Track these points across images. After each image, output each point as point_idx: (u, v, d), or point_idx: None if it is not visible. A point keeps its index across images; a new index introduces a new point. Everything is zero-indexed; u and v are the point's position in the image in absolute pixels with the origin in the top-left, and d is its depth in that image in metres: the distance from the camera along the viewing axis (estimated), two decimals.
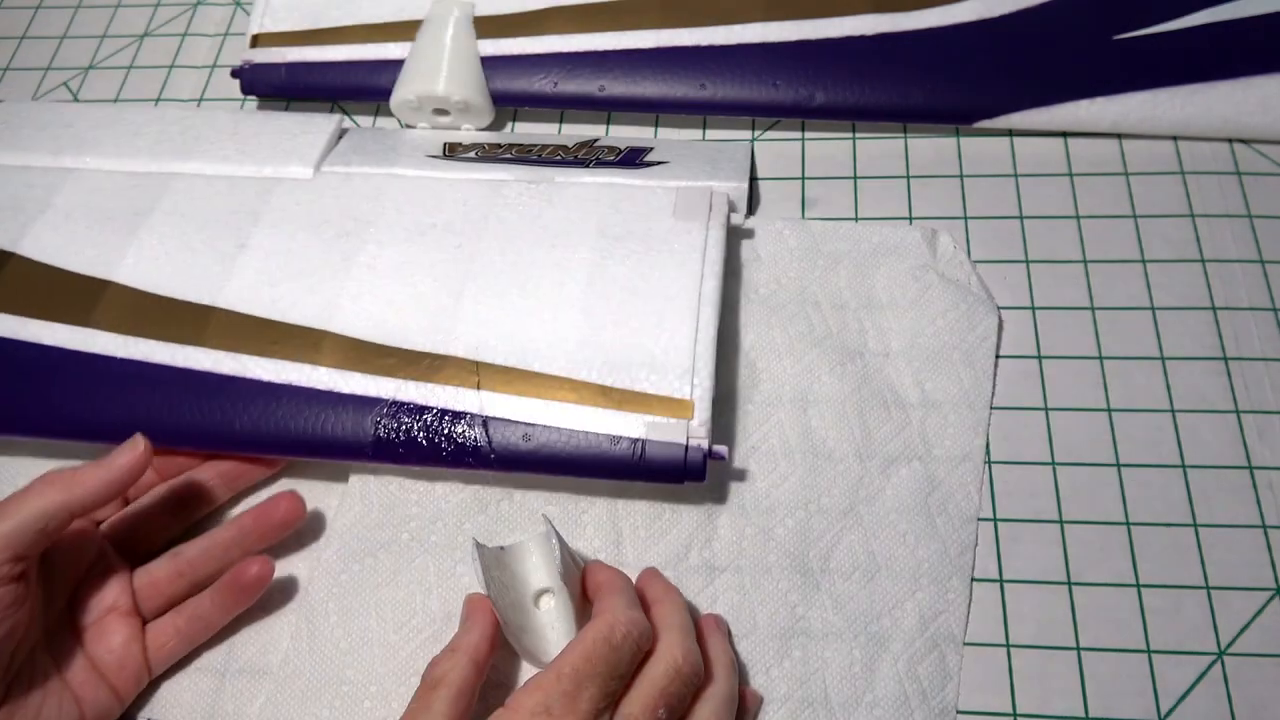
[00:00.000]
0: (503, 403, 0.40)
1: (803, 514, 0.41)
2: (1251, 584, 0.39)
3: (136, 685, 0.38)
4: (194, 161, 0.49)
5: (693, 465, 0.38)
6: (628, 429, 0.39)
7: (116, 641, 0.37)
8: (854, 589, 0.40)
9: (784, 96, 0.50)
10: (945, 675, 0.38)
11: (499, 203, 0.46)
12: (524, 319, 0.42)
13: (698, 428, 0.38)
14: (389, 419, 0.40)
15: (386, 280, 0.43)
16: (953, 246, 0.46)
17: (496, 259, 0.44)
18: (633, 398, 0.39)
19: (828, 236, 0.47)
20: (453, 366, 0.41)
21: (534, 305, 0.42)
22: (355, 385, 0.41)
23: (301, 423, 0.40)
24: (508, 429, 0.39)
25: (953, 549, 0.40)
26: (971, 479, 0.41)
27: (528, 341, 0.41)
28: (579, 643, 0.32)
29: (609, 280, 0.42)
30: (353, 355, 0.41)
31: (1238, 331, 0.44)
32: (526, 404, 0.39)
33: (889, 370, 0.44)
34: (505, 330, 0.41)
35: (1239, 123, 0.48)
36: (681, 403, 0.39)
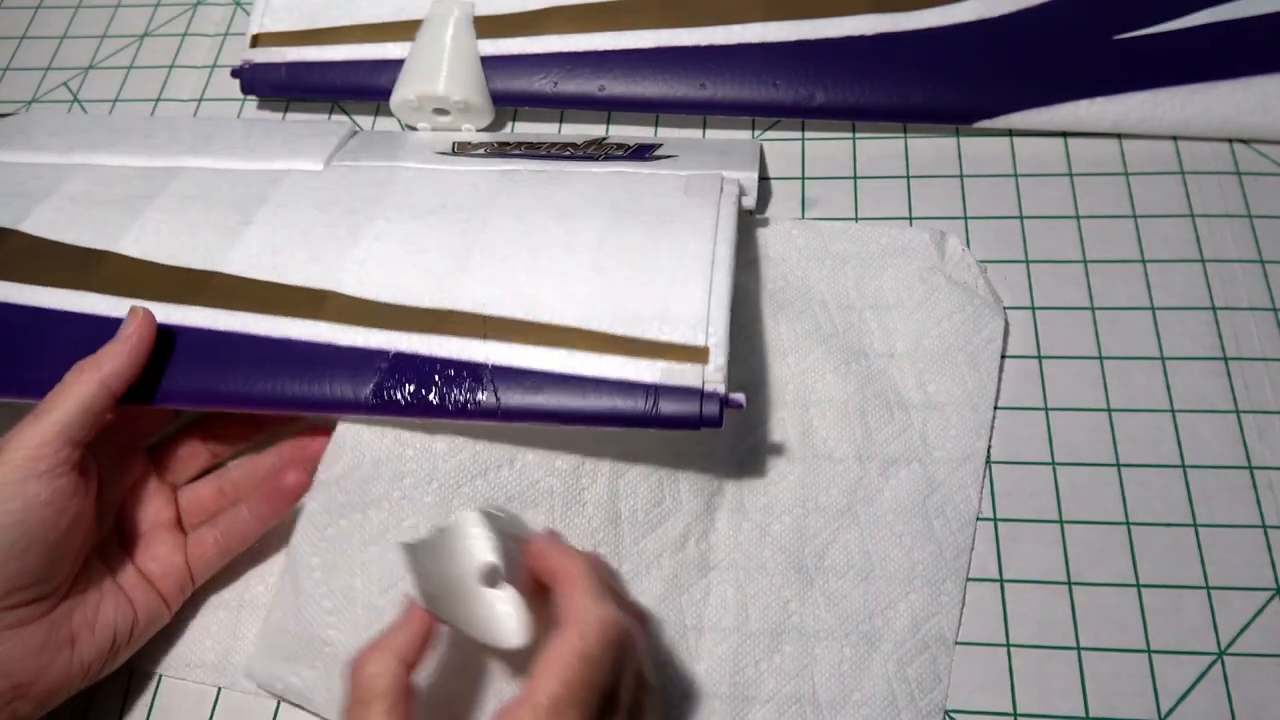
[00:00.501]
0: (510, 352, 0.38)
1: (800, 512, 0.41)
2: (1251, 584, 0.39)
3: (181, 594, 0.39)
4: (204, 158, 0.49)
5: (709, 411, 0.36)
6: (640, 376, 0.37)
7: (162, 552, 0.39)
8: (847, 588, 0.40)
9: (784, 96, 0.50)
10: (935, 677, 0.38)
11: (509, 186, 0.45)
12: (533, 276, 0.40)
13: (714, 372, 0.37)
14: (390, 372, 0.38)
15: (393, 247, 0.42)
16: (961, 249, 0.46)
17: (506, 228, 0.42)
18: (646, 345, 0.38)
19: (836, 237, 0.47)
20: (458, 319, 0.39)
21: (544, 264, 0.41)
22: (356, 338, 0.39)
23: (300, 377, 0.39)
24: (515, 379, 0.38)
25: (949, 552, 0.40)
26: (971, 482, 0.41)
27: (536, 295, 0.39)
28: (551, 664, 0.30)
29: (621, 241, 0.41)
30: (355, 311, 0.40)
31: (1238, 331, 0.44)
32: (534, 353, 0.38)
33: (893, 371, 0.44)
34: (514, 286, 0.40)
35: (1239, 123, 0.48)
36: (696, 349, 0.37)
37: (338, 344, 0.39)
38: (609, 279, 0.40)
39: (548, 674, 0.30)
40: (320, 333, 0.39)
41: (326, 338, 0.39)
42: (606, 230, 0.42)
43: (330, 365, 0.39)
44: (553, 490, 0.40)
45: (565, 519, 0.41)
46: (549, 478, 0.40)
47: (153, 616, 0.38)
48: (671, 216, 0.42)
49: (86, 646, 0.36)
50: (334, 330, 0.39)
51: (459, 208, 0.44)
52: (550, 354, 0.38)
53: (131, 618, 0.38)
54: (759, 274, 0.47)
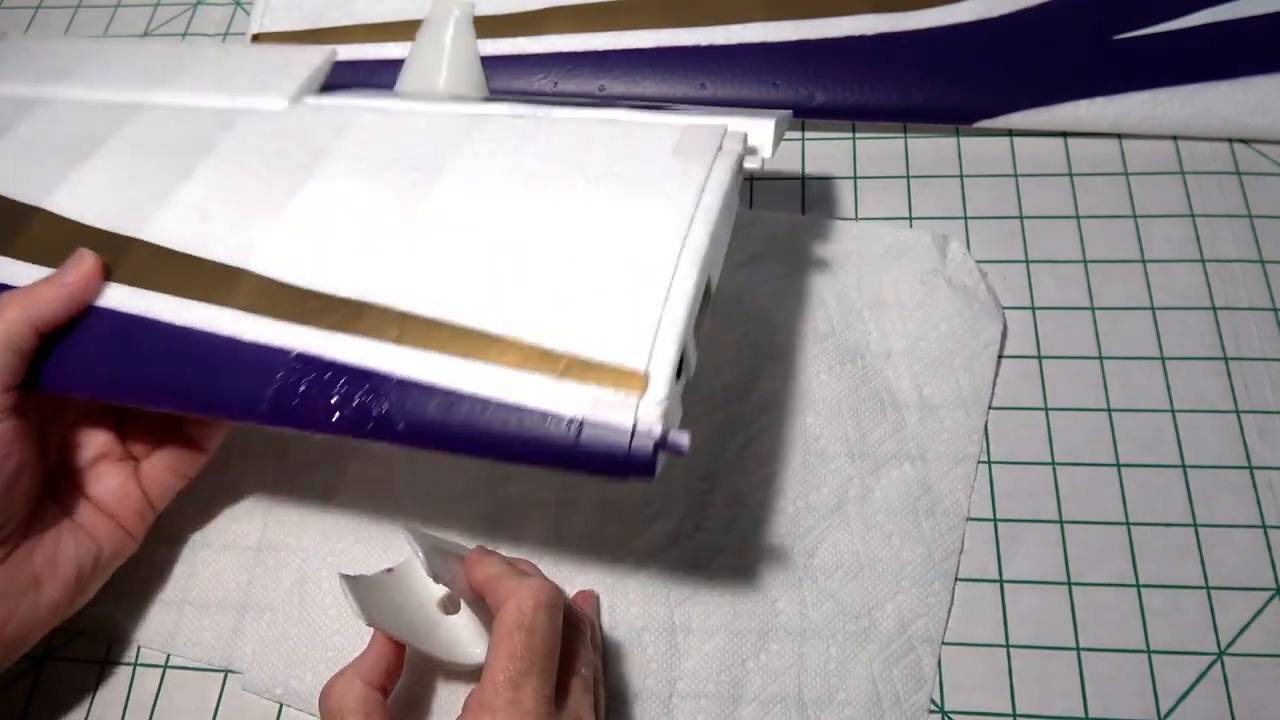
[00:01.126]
0: (422, 363, 0.32)
1: (791, 510, 0.41)
2: (1251, 584, 0.39)
3: (143, 520, 0.39)
4: (169, 91, 0.44)
5: (638, 455, 0.29)
6: (566, 405, 0.30)
7: (114, 483, 0.38)
8: (835, 587, 0.40)
9: (784, 96, 0.50)
10: (920, 679, 0.38)
11: (475, 137, 0.39)
12: (466, 264, 0.34)
13: (650, 407, 0.29)
14: (290, 376, 0.33)
15: (322, 215, 0.37)
16: (962, 252, 0.46)
17: (453, 195, 0.36)
18: (580, 366, 0.31)
19: (838, 236, 0.47)
20: (374, 316, 0.33)
21: (482, 249, 0.35)
22: (262, 332, 0.34)
23: (196, 375, 0.34)
24: (422, 396, 0.31)
25: (938, 553, 0.40)
26: (963, 485, 0.41)
27: (465, 290, 0.33)
28: (498, 644, 0.31)
29: (579, 221, 0.35)
30: (268, 297, 0.35)
31: (1238, 331, 0.44)
32: (449, 365, 0.32)
33: (889, 372, 0.44)
34: (442, 276, 0.34)
35: (1239, 123, 0.48)
36: (632, 374, 0.30)
37: (241, 338, 0.34)
38: (554, 273, 0.33)
39: (497, 654, 0.31)
40: (224, 323, 0.34)
41: (229, 329, 0.34)
42: (567, 204, 0.35)
43: (230, 364, 0.34)
44: (544, 501, 0.41)
45: (558, 523, 0.41)
46: (539, 492, 0.41)
47: (117, 547, 0.38)
48: (646, 187, 0.35)
49: (51, 586, 0.36)
50: (239, 320, 0.34)
51: (411, 164, 0.38)
52: (466, 368, 0.31)
53: (95, 550, 0.37)
54: (758, 271, 0.47)
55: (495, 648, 0.31)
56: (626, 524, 0.41)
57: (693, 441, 0.42)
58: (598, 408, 0.30)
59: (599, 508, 0.41)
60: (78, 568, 0.37)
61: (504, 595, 0.32)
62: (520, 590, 0.32)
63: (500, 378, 0.31)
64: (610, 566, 0.41)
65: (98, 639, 0.41)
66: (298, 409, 0.33)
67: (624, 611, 0.40)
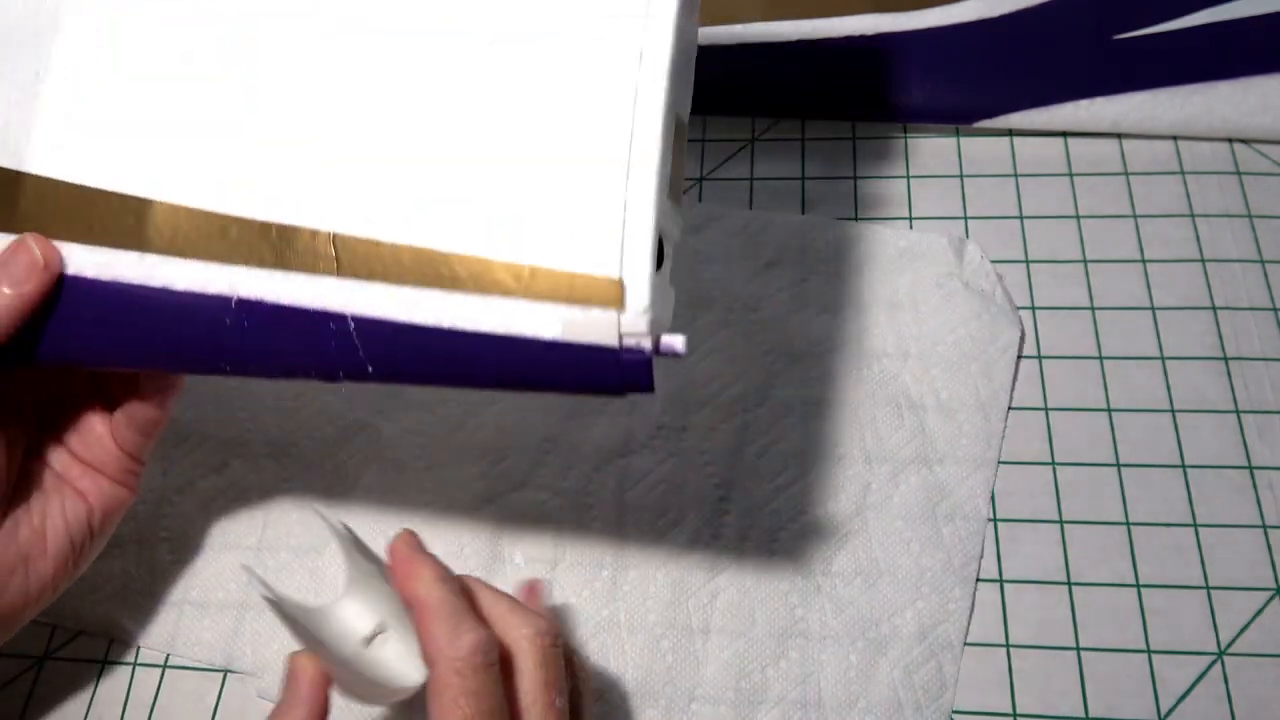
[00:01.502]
0: (372, 296, 0.28)
1: (808, 517, 0.41)
2: (1251, 584, 0.39)
3: (136, 465, 0.36)
4: None
5: (630, 371, 0.27)
6: (538, 326, 0.27)
7: (100, 431, 0.35)
8: (855, 593, 0.40)
9: (784, 96, 0.50)
10: (942, 684, 0.38)
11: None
12: (388, 162, 0.28)
13: (635, 318, 0.26)
14: (236, 323, 0.29)
15: (204, 111, 0.30)
16: (979, 256, 0.46)
17: (356, 55, 0.29)
18: (545, 277, 0.27)
19: (852, 240, 0.47)
20: (303, 242, 0.28)
21: (403, 139, 0.29)
22: (193, 279, 0.29)
23: (141, 332, 0.30)
24: (384, 334, 0.28)
25: (957, 559, 0.40)
26: (981, 490, 0.41)
27: (396, 197, 0.28)
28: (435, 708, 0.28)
29: (505, 88, 0.28)
30: (185, 233, 0.29)
31: (1238, 331, 0.44)
32: (405, 296, 0.28)
33: (906, 376, 0.44)
34: (364, 181, 0.29)
35: (1239, 123, 0.48)
36: (606, 282, 0.26)
37: (173, 288, 0.29)
38: (489, 160, 0.28)
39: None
40: (148, 273, 0.30)
41: (160, 279, 0.29)
42: (494, 57, 0.28)
43: (172, 317, 0.30)
44: (560, 507, 0.41)
45: (573, 529, 0.41)
46: (555, 498, 0.41)
47: (110, 502, 0.36)
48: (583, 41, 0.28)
49: (42, 561, 0.34)
50: (162, 267, 0.29)
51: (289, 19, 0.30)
52: (422, 299, 0.27)
53: (85, 511, 0.35)
54: (772, 276, 0.46)
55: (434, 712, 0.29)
56: (643, 530, 0.41)
57: (709, 447, 0.41)
58: (574, 328, 0.26)
59: (615, 513, 0.41)
60: (69, 536, 0.35)
61: (433, 653, 0.29)
62: (447, 642, 0.29)
63: (462, 305, 0.27)
64: (626, 573, 0.41)
65: (97, 639, 0.41)
66: (258, 359, 0.30)
67: (642, 617, 0.40)
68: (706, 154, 0.51)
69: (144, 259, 0.30)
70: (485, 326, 0.27)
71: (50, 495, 0.35)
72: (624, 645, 0.39)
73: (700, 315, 0.46)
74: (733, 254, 0.47)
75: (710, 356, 0.45)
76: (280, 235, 0.29)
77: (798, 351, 0.44)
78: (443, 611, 0.30)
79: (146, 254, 0.30)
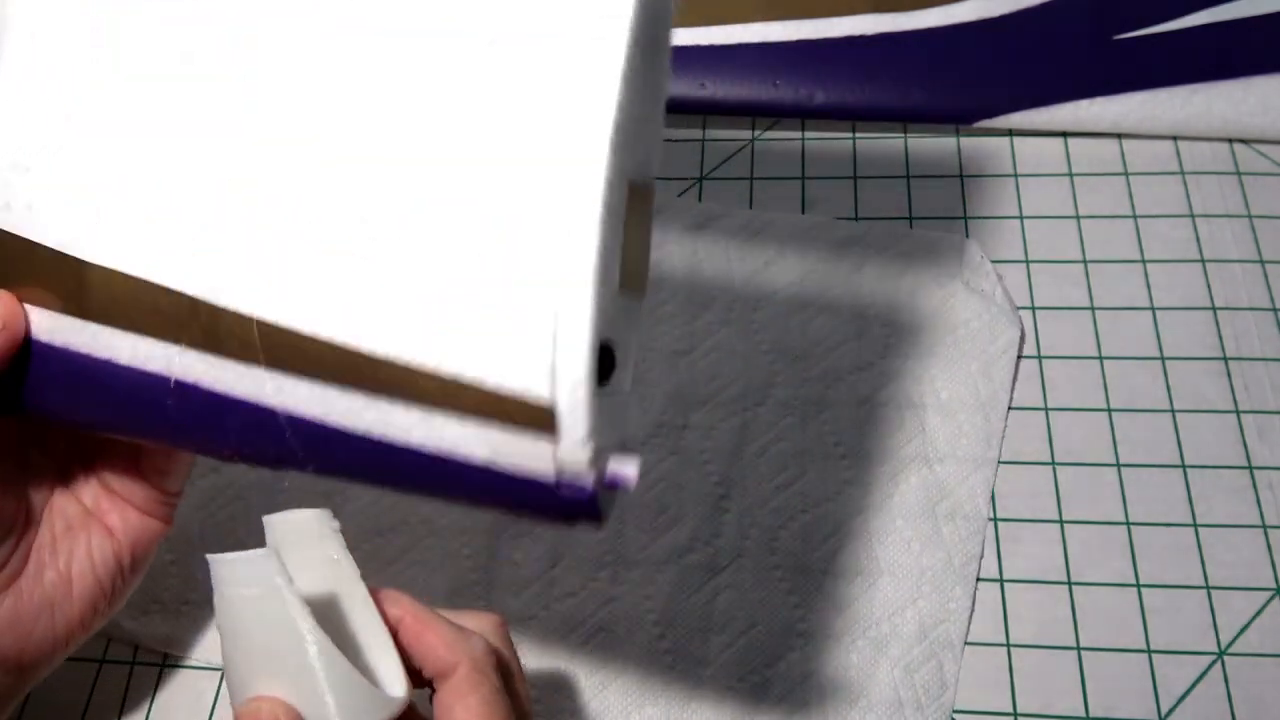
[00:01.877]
0: (301, 392, 0.25)
1: (808, 516, 0.41)
2: (1251, 584, 0.39)
3: (169, 495, 0.34)
4: None
5: (571, 506, 0.23)
6: (466, 446, 0.23)
7: (129, 463, 0.33)
8: (855, 593, 0.40)
9: (784, 96, 0.50)
10: (942, 683, 0.38)
11: None
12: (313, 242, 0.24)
13: (572, 449, 0.22)
14: (177, 406, 0.26)
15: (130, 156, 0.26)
16: (980, 256, 0.46)
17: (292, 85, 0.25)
18: (470, 392, 0.22)
19: (853, 240, 0.47)
20: (229, 325, 0.25)
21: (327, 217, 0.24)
22: (135, 352, 0.27)
23: (105, 404, 0.28)
24: (319, 434, 0.25)
25: (957, 558, 0.40)
26: (982, 489, 0.41)
27: (320, 282, 0.24)
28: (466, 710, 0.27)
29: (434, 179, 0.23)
30: (121, 300, 0.26)
31: (1238, 331, 0.44)
32: (331, 397, 0.24)
33: (906, 376, 0.44)
34: (287, 261, 0.24)
35: (1239, 123, 0.48)
36: (535, 407, 0.21)
37: (116, 360, 0.27)
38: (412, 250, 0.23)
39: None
40: (90, 341, 0.27)
41: (103, 351, 0.27)
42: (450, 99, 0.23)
43: (119, 388, 0.27)
44: None
45: (571, 532, 0.41)
46: None
47: (141, 536, 0.33)
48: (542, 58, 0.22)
49: (68, 605, 0.32)
50: (103, 336, 0.27)
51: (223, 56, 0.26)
52: (348, 401, 0.24)
53: (114, 549, 0.33)
54: (773, 275, 0.46)
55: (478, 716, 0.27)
56: (643, 530, 0.41)
57: (709, 446, 0.40)
58: (504, 454, 0.23)
59: (615, 512, 0.41)
60: (96, 577, 0.32)
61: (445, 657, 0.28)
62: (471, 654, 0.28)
63: (388, 413, 0.24)
64: (627, 572, 0.41)
65: (95, 638, 0.41)
66: (205, 445, 0.28)
67: (641, 618, 0.40)
68: (706, 154, 0.51)
69: (87, 326, 0.27)
70: (414, 439, 0.23)
71: (77, 535, 0.33)
72: (623, 644, 0.39)
73: (700, 315, 0.46)
74: (733, 254, 0.47)
75: (710, 355, 0.45)
76: (209, 316, 0.25)
77: (798, 351, 0.44)
78: (440, 622, 0.29)
79: (89, 322, 0.27)
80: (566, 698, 0.39)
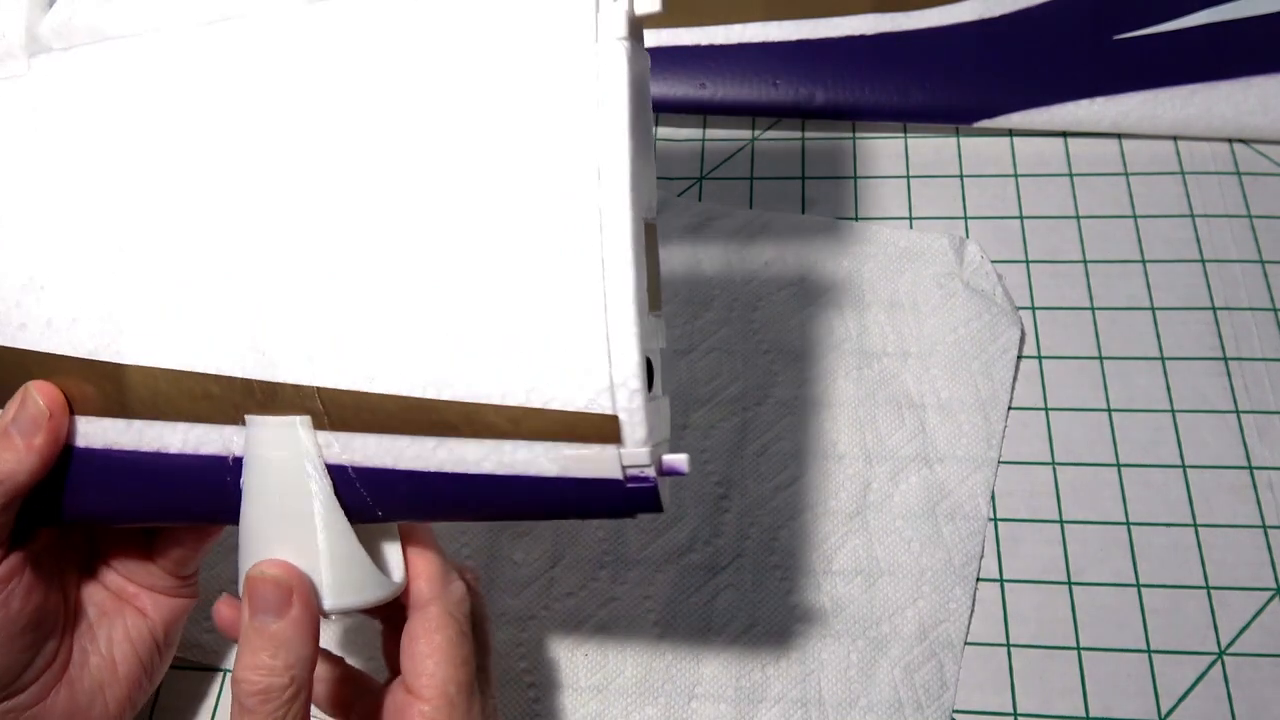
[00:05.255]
0: (365, 447, 0.27)
1: (808, 516, 0.41)
2: (1251, 584, 0.39)
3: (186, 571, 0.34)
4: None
5: (637, 499, 0.26)
6: (537, 465, 0.26)
7: (144, 558, 0.34)
8: (855, 593, 0.40)
9: (784, 96, 0.50)
10: (943, 683, 0.38)
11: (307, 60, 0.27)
12: (367, 309, 0.26)
13: (634, 451, 0.25)
14: (236, 482, 0.28)
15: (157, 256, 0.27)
16: (980, 256, 0.46)
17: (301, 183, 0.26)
18: (536, 417, 0.25)
19: (852, 239, 0.47)
20: (288, 397, 0.27)
21: (366, 269, 0.26)
22: (184, 439, 0.28)
23: (151, 496, 0.29)
24: (387, 481, 0.27)
25: (958, 558, 0.40)
26: (982, 489, 0.41)
27: (368, 345, 0.26)
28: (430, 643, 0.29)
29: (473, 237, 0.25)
30: (166, 394, 0.28)
31: (1238, 331, 0.44)
32: (398, 445, 0.26)
33: (906, 376, 0.44)
34: (330, 327, 0.26)
35: (1239, 123, 0.48)
36: (600, 419, 0.25)
37: (166, 451, 0.28)
38: (466, 302, 0.25)
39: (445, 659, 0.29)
40: (141, 437, 0.28)
41: (151, 444, 0.28)
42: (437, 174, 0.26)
43: (174, 480, 0.28)
44: None
45: (572, 528, 0.41)
46: None
47: (171, 613, 0.34)
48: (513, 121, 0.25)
49: (116, 686, 0.33)
50: (151, 431, 0.28)
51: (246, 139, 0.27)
52: (417, 446, 0.26)
53: (148, 627, 0.34)
54: (773, 274, 0.47)
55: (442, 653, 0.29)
56: (643, 529, 0.41)
57: (709, 445, 0.41)
58: (573, 466, 0.25)
59: None
60: (136, 656, 0.33)
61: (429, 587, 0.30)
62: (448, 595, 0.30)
63: (458, 450, 0.26)
64: (627, 572, 0.41)
65: None
66: None
67: (642, 616, 0.40)
68: (706, 154, 0.51)
69: (131, 425, 0.28)
70: (486, 468, 0.26)
71: (113, 619, 0.34)
72: (623, 643, 0.39)
73: (700, 314, 0.46)
74: (732, 254, 0.47)
75: (710, 355, 0.45)
76: (264, 392, 0.27)
77: (798, 351, 0.44)
78: (434, 557, 0.30)
79: (133, 420, 0.28)
80: (566, 698, 0.39)
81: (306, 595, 0.27)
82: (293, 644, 0.27)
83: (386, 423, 0.26)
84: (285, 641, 0.26)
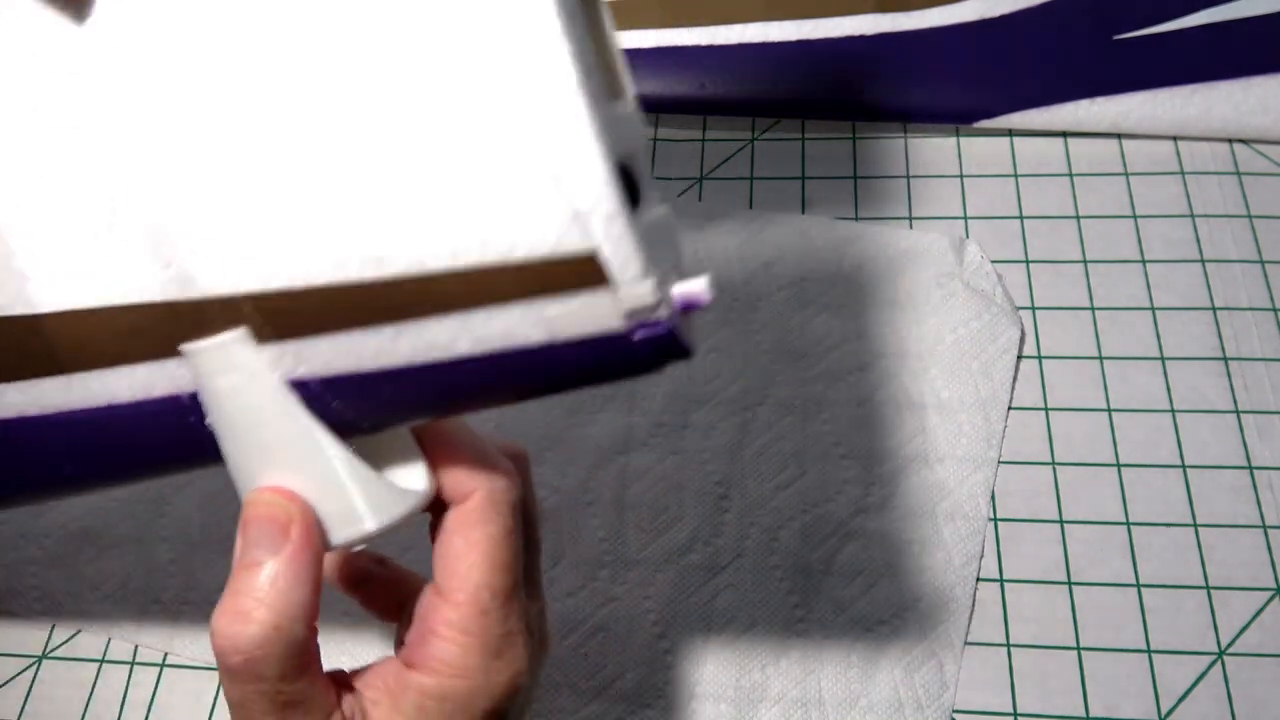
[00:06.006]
0: (323, 350, 0.22)
1: (809, 517, 0.41)
2: (1251, 584, 0.39)
3: None
4: None
5: (655, 347, 0.20)
6: (520, 333, 0.20)
7: None
8: (855, 593, 0.40)
9: (784, 96, 0.50)
10: (942, 683, 0.38)
11: None
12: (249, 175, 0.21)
13: (633, 290, 0.19)
14: (201, 421, 0.24)
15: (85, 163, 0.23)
16: (980, 256, 0.46)
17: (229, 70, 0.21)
18: (499, 275, 0.20)
19: (851, 239, 0.47)
20: (217, 313, 0.22)
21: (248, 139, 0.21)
22: (133, 386, 0.24)
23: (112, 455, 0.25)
24: (359, 387, 0.22)
25: (958, 559, 0.40)
26: (982, 489, 0.41)
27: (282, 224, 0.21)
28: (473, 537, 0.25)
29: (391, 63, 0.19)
30: (94, 339, 0.23)
31: (1238, 331, 0.44)
32: (356, 343, 0.21)
33: (905, 376, 0.44)
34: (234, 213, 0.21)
35: (1239, 123, 0.48)
36: (576, 260, 0.19)
37: (117, 401, 0.24)
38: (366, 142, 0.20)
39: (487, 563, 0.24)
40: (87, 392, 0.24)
41: (99, 398, 0.24)
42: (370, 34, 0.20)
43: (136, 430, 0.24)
44: (559, 505, 0.41)
45: (572, 527, 0.41)
46: (555, 496, 0.41)
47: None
48: None
49: None
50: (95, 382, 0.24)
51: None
52: (379, 340, 0.21)
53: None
54: (773, 274, 0.46)
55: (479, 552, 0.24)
56: (643, 529, 0.41)
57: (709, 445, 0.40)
58: (563, 325, 0.20)
59: (615, 512, 0.41)
60: None
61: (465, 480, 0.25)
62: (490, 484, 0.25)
63: (426, 334, 0.21)
64: (627, 572, 0.41)
65: (96, 637, 0.41)
66: None
67: (642, 616, 0.40)
68: (706, 154, 0.51)
69: (71, 380, 0.24)
70: (460, 350, 0.21)
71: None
72: (624, 643, 0.39)
73: (700, 314, 0.46)
74: (732, 254, 0.47)
75: (710, 355, 0.45)
76: (191, 313, 0.22)
77: (798, 351, 0.44)
78: (468, 441, 0.25)
79: (71, 375, 0.24)
80: (566, 698, 0.39)
81: (309, 527, 0.23)
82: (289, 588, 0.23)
83: (333, 319, 0.21)
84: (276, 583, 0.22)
